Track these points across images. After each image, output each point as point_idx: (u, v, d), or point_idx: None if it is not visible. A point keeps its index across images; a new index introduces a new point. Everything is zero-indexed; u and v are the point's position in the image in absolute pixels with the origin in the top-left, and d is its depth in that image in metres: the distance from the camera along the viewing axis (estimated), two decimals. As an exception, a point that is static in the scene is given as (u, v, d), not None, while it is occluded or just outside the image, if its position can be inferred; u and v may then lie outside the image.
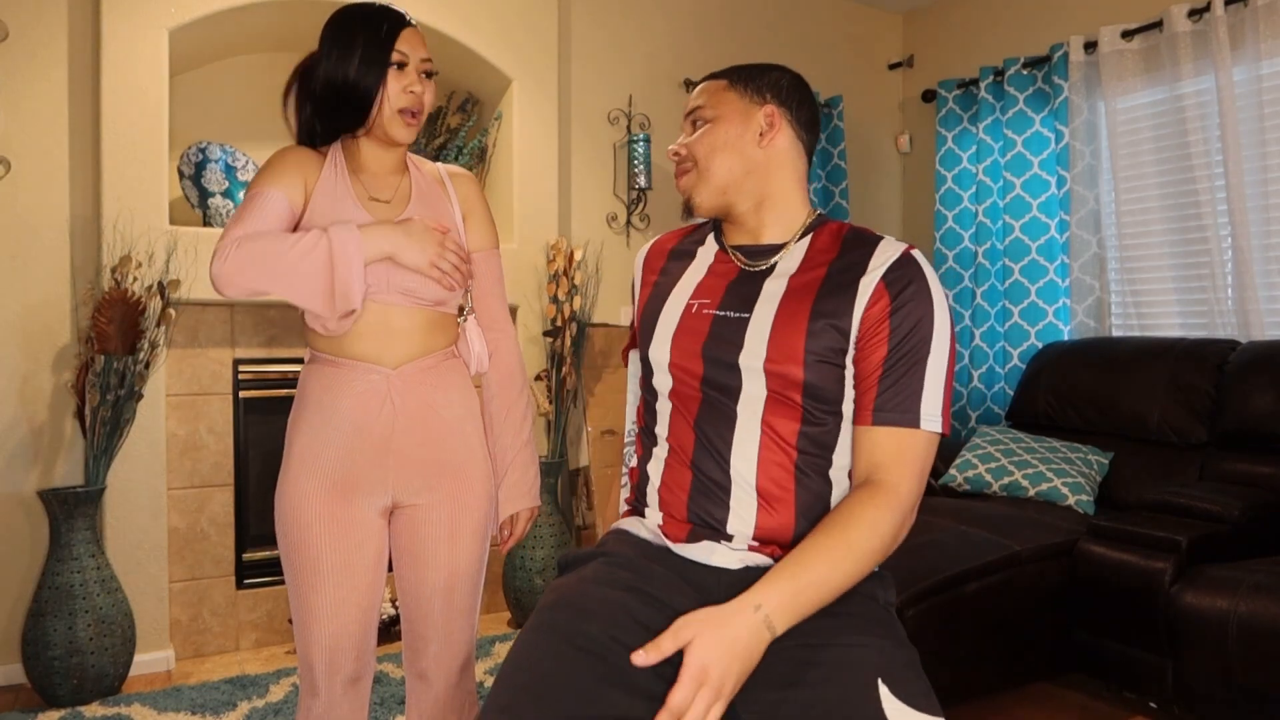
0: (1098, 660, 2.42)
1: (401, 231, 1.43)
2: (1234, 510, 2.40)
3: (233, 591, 2.97)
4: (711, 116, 1.26)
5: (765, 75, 1.28)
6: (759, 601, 1.01)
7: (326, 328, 1.44)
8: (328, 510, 1.45)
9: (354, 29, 1.44)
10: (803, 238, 1.26)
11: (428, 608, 1.52)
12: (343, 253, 1.38)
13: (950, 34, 4.24)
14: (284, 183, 1.45)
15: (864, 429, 1.14)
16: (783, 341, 1.16)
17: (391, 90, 1.43)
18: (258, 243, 1.36)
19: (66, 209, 2.71)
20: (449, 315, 1.55)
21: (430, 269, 1.44)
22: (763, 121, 1.25)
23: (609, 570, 1.17)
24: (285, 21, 3.04)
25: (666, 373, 1.25)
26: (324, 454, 1.45)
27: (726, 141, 1.25)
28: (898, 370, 1.13)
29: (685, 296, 1.28)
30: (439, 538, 1.50)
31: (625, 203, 3.65)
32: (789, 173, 1.27)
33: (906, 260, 1.17)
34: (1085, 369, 3.19)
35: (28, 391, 2.68)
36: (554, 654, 1.05)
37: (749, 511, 1.16)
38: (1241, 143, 3.01)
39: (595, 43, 3.58)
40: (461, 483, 1.52)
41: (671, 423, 1.25)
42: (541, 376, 3.33)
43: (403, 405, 1.47)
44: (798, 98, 1.28)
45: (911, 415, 1.12)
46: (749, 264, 1.26)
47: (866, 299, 1.15)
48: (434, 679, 1.54)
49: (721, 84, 1.29)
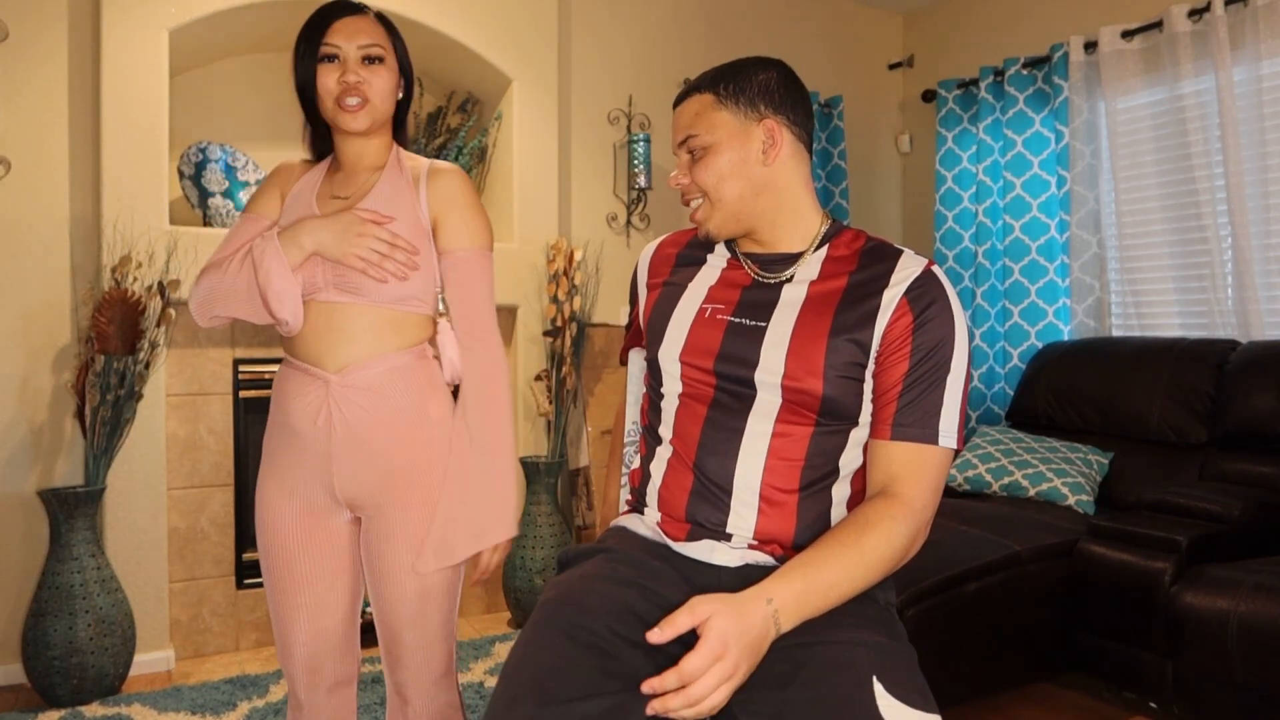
0: (1098, 660, 2.42)
1: (323, 224, 1.39)
2: (1234, 510, 2.40)
3: (233, 591, 2.97)
4: (710, 143, 1.20)
5: (752, 81, 1.21)
6: (770, 595, 1.00)
7: (284, 329, 1.44)
8: (298, 519, 1.43)
9: (303, 28, 1.44)
10: (819, 247, 1.23)
11: (397, 624, 1.45)
12: (262, 263, 1.38)
13: (950, 34, 4.24)
14: (260, 201, 1.50)
15: (881, 443, 1.14)
16: (802, 355, 1.14)
17: (324, 83, 1.41)
18: (207, 274, 1.42)
19: (66, 209, 2.71)
20: (414, 315, 1.45)
21: (350, 258, 1.37)
22: (764, 138, 1.20)
23: (610, 566, 1.17)
24: (285, 21, 3.04)
25: (677, 377, 1.23)
26: (286, 462, 1.44)
27: (731, 168, 1.19)
28: (918, 387, 1.12)
29: (697, 300, 1.25)
30: (404, 550, 1.42)
31: (625, 203, 3.65)
32: (797, 181, 1.23)
33: (929, 277, 1.16)
34: (1085, 369, 3.19)
35: (28, 391, 2.68)
36: (556, 648, 1.04)
37: (749, 516, 1.16)
38: (1241, 143, 3.01)
39: (595, 43, 3.58)
40: (425, 491, 1.43)
41: (677, 423, 1.23)
42: (541, 376, 3.33)
43: (340, 412, 1.39)
44: (791, 97, 1.22)
45: (930, 431, 1.12)
46: (763, 275, 1.23)
47: (890, 314, 1.14)
48: (410, 695, 1.49)
49: (708, 100, 1.21)
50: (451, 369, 1.51)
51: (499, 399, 1.46)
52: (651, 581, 1.14)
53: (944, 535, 2.47)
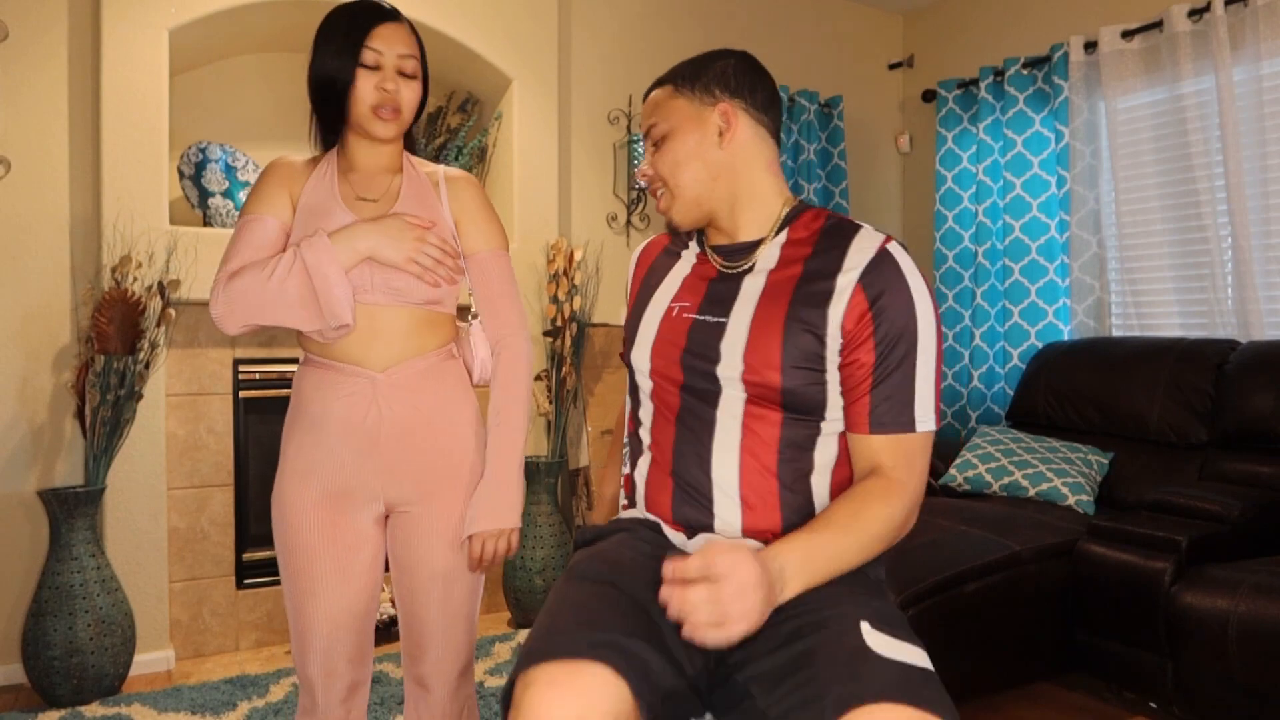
0: (1098, 660, 2.42)
1: (377, 228, 1.40)
2: (1234, 510, 2.40)
3: (233, 591, 2.97)
4: (667, 130, 1.22)
5: (708, 69, 1.23)
6: (775, 553, 1.02)
7: (324, 335, 1.42)
8: (322, 517, 1.43)
9: (334, 24, 1.41)
10: (779, 231, 1.22)
11: (425, 615, 1.49)
12: (318, 269, 1.35)
13: (950, 34, 4.24)
14: (267, 203, 1.44)
15: (861, 436, 1.15)
16: (759, 348, 1.14)
17: (362, 88, 1.40)
18: (242, 279, 1.37)
19: (66, 209, 2.71)
20: (444, 315, 1.51)
21: (409, 264, 1.40)
22: (719, 121, 1.20)
23: (634, 541, 1.20)
24: (285, 21, 3.04)
25: (648, 378, 1.25)
26: (316, 460, 1.43)
27: (687, 153, 1.21)
28: (889, 379, 1.12)
29: (667, 299, 1.27)
30: (434, 544, 1.47)
31: (625, 203, 3.65)
32: (757, 165, 1.23)
33: (882, 258, 1.13)
34: (1085, 369, 3.19)
35: (28, 391, 2.68)
36: (593, 593, 1.07)
37: (734, 512, 1.17)
38: (1241, 143, 3.01)
39: (595, 43, 3.58)
40: (456, 487, 1.48)
41: (654, 428, 1.25)
42: (541, 376, 3.33)
43: (389, 410, 1.43)
44: (749, 82, 1.22)
45: (907, 420, 1.12)
46: (726, 265, 1.24)
47: (845, 304, 1.12)
48: (433, 685, 1.51)
49: (667, 91, 1.24)
50: (482, 369, 1.55)
51: (525, 389, 1.53)
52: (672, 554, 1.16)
53: (944, 535, 2.47)
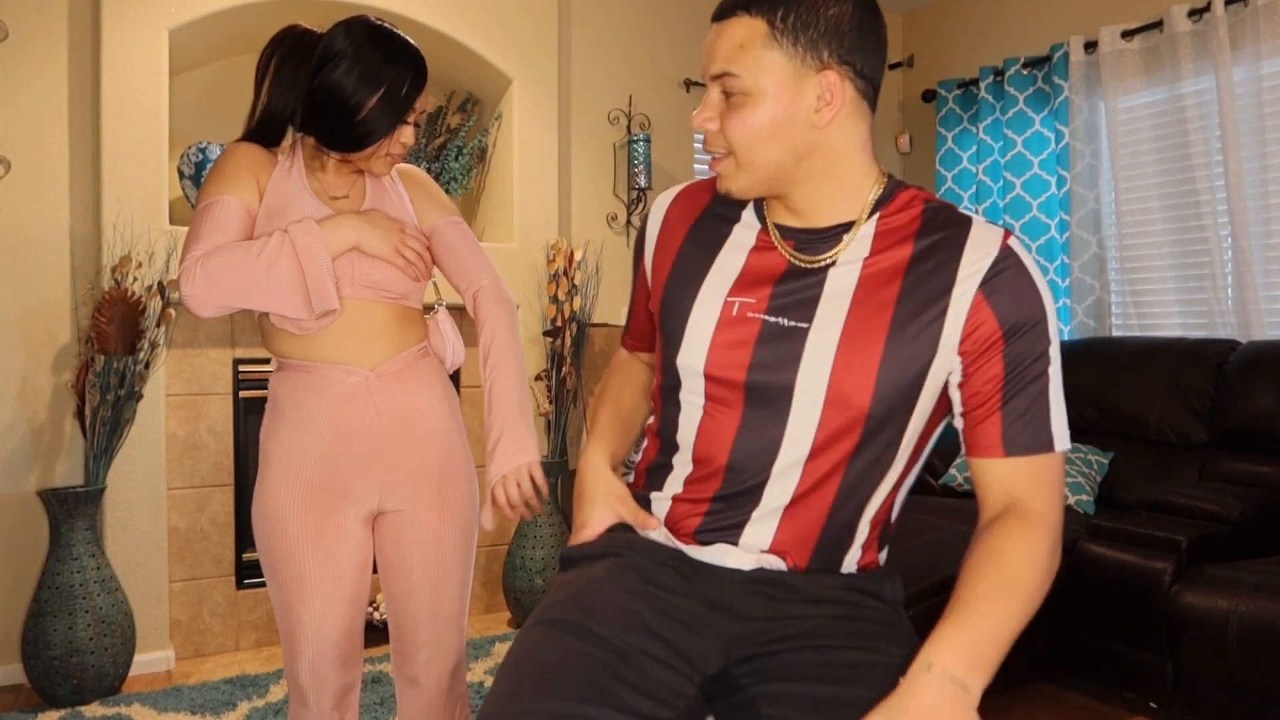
0: (1098, 660, 2.42)
1: (363, 219, 1.42)
2: (1234, 510, 2.40)
3: (233, 591, 2.97)
4: (750, 89, 0.96)
5: (820, 15, 0.95)
6: (929, 661, 0.89)
7: (303, 328, 1.40)
8: (310, 522, 1.42)
9: (381, 67, 1.38)
10: (871, 215, 1.02)
11: (416, 614, 1.50)
12: (309, 253, 1.35)
13: (950, 34, 4.24)
14: (236, 186, 1.40)
15: (994, 460, 0.99)
16: (851, 363, 0.97)
17: (396, 140, 1.43)
18: (220, 257, 1.33)
19: (66, 209, 2.71)
20: (416, 311, 1.53)
21: (395, 256, 1.43)
22: (820, 92, 0.96)
23: (619, 572, 1.09)
24: (285, 21, 3.01)
25: (700, 390, 1.06)
26: (305, 463, 1.42)
27: (773, 127, 0.97)
28: (1022, 394, 0.98)
29: (722, 292, 1.05)
30: (424, 543, 1.48)
31: (625, 203, 3.65)
32: (853, 145, 1.00)
33: (1007, 258, 0.97)
34: (1085, 369, 3.19)
35: (28, 391, 2.68)
36: (560, 646, 0.98)
37: (768, 527, 1.05)
38: (1241, 143, 3.01)
39: (595, 43, 3.58)
40: (445, 486, 1.49)
41: (700, 438, 1.07)
42: (541, 376, 3.33)
43: (386, 408, 1.44)
44: (865, 41, 0.97)
45: (1045, 439, 0.98)
46: (801, 257, 1.03)
47: (965, 314, 0.96)
48: (425, 684, 1.52)
49: (759, 31, 0.95)
50: (454, 355, 1.58)
51: (506, 324, 1.55)
52: (662, 591, 1.07)
53: (944, 535, 2.47)
